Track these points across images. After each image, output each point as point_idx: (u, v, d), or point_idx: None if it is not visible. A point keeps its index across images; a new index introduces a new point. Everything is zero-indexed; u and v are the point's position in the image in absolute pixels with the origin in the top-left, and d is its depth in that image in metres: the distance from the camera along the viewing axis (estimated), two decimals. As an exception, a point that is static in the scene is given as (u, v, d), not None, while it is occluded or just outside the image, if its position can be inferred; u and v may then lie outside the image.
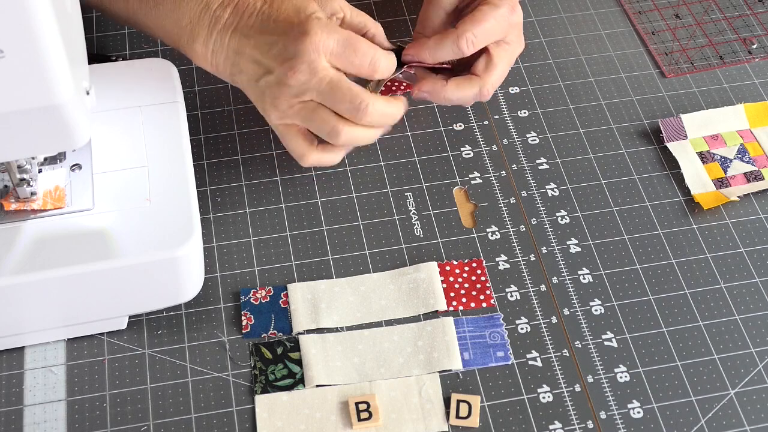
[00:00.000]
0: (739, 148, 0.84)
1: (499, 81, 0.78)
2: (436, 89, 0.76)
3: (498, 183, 0.82)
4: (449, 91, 0.76)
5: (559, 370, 0.71)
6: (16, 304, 0.66)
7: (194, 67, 0.88)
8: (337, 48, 0.69)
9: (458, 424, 0.68)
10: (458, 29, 0.74)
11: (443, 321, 0.73)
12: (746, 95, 0.89)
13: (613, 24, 0.95)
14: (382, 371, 0.71)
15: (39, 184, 0.69)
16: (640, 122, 0.87)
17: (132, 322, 0.73)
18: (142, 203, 0.69)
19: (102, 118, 0.73)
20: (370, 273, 0.76)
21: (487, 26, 0.74)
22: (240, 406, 0.69)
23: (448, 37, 0.74)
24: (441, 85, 0.76)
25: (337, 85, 0.69)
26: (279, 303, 0.74)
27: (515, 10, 0.76)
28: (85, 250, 0.66)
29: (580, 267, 0.77)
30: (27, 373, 0.70)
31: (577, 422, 0.69)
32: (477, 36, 0.74)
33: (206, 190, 0.80)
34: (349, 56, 0.69)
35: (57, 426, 0.68)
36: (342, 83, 0.69)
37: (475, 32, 0.74)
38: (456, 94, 0.76)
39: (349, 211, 0.80)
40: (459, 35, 0.73)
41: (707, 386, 0.71)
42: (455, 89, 0.76)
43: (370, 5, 0.95)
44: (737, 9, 0.96)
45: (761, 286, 0.76)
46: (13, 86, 0.55)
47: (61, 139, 0.60)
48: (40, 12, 0.52)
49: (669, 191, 0.82)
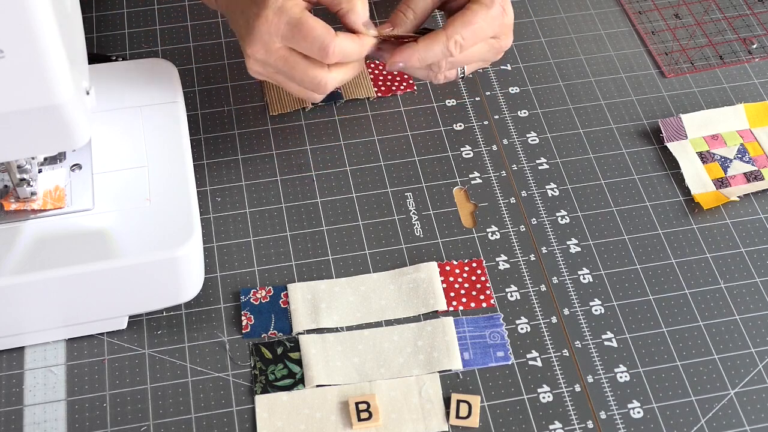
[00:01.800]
0: (739, 148, 0.84)
1: (471, 41, 0.74)
2: (408, 55, 0.73)
3: (498, 183, 0.82)
4: (420, 52, 0.73)
5: (559, 370, 0.71)
6: (16, 304, 0.66)
7: (194, 67, 0.88)
8: (285, 31, 0.70)
9: (458, 424, 0.68)
10: (447, 31, 0.73)
11: (443, 321, 0.73)
12: (746, 95, 0.89)
13: (613, 24, 0.95)
14: (382, 371, 0.71)
15: (39, 184, 0.69)
16: (640, 122, 0.87)
17: (132, 322, 0.73)
18: (142, 203, 0.69)
19: (102, 118, 0.73)
20: (370, 273, 0.76)
21: (477, 28, 0.73)
22: (240, 406, 0.69)
23: (438, 40, 0.73)
24: (411, 48, 0.74)
25: (293, 61, 0.71)
26: (279, 303, 0.74)
27: (507, 11, 0.75)
28: (85, 250, 0.66)
29: (580, 267, 0.77)
30: (27, 373, 0.70)
31: (577, 422, 0.69)
32: (466, 39, 0.73)
33: (206, 190, 0.80)
34: (297, 40, 0.70)
35: (57, 426, 0.68)
36: (297, 66, 0.71)
37: (464, 35, 0.73)
38: (426, 54, 0.73)
39: (349, 211, 0.80)
40: (448, 37, 0.73)
41: (707, 386, 0.71)
42: (424, 49, 0.73)
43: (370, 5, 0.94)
44: (737, 9, 0.96)
45: (761, 286, 0.76)
46: (13, 86, 0.55)
47: (61, 139, 0.60)
48: (40, 12, 0.52)
49: (669, 191, 0.82)
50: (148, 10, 0.93)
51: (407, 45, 0.74)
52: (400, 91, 0.87)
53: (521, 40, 0.92)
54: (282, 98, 0.86)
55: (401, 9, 0.76)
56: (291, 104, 0.86)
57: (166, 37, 0.91)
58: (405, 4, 0.75)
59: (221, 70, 0.88)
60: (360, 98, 0.87)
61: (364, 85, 0.87)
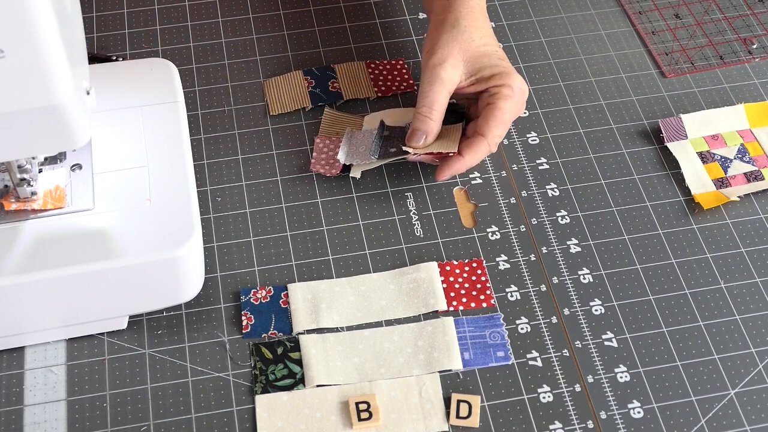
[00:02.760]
0: (739, 148, 0.84)
1: (505, 130, 0.78)
2: (457, 168, 0.78)
3: (498, 183, 0.82)
4: (468, 162, 0.77)
5: (560, 370, 0.71)
6: (16, 304, 0.66)
7: (194, 67, 0.88)
8: None
9: (458, 424, 0.68)
10: (486, 135, 0.77)
11: (443, 321, 0.73)
12: (746, 95, 0.89)
13: (613, 24, 0.95)
14: (382, 371, 0.71)
15: (39, 184, 0.69)
16: (640, 122, 0.87)
17: (132, 322, 0.73)
18: (142, 203, 0.69)
19: (102, 118, 0.73)
20: (370, 273, 0.76)
21: (507, 119, 0.78)
22: (240, 406, 0.69)
23: (480, 148, 0.77)
24: (459, 162, 0.77)
25: None
26: (279, 303, 0.74)
27: (524, 90, 0.78)
28: (85, 250, 0.66)
29: (581, 267, 0.77)
30: (27, 373, 0.70)
31: (578, 422, 0.69)
32: (501, 132, 0.78)
33: (206, 190, 0.80)
34: None
35: (57, 426, 0.68)
36: None
37: (499, 132, 0.77)
38: (473, 162, 0.78)
39: (349, 211, 0.80)
40: (489, 141, 0.77)
41: (707, 386, 0.71)
42: (471, 159, 0.77)
43: (370, 5, 0.95)
44: (737, 9, 0.96)
45: (761, 286, 0.76)
46: (13, 86, 0.55)
47: (61, 139, 0.60)
48: (40, 12, 0.52)
49: (669, 191, 0.82)
50: (148, 10, 0.93)
51: (454, 159, 0.77)
52: (400, 91, 0.87)
53: (521, 40, 0.92)
54: (282, 98, 0.86)
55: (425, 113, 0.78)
56: (291, 104, 0.86)
57: (166, 37, 0.91)
58: (428, 108, 0.78)
59: (221, 70, 0.88)
60: (360, 98, 0.87)
61: (364, 85, 0.87)
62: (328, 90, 0.87)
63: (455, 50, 0.77)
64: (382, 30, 0.93)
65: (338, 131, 0.83)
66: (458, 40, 0.78)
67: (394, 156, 0.79)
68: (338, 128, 0.84)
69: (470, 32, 0.78)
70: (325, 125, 0.84)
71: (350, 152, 0.80)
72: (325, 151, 0.82)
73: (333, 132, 0.84)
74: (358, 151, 0.80)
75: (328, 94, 0.87)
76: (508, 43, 0.92)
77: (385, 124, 0.81)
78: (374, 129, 0.82)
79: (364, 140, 0.81)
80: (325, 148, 0.82)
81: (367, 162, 0.79)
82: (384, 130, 0.81)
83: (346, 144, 0.81)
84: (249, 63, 0.89)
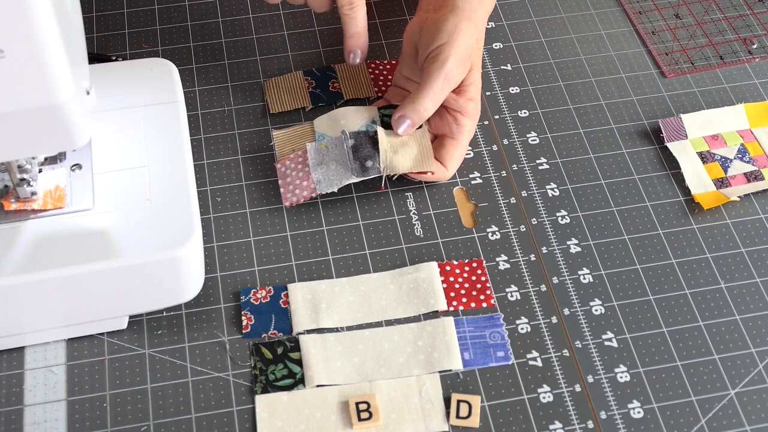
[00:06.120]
0: (739, 148, 0.84)
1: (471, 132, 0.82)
2: (441, 172, 0.80)
3: (498, 183, 0.82)
4: (450, 168, 0.80)
5: (560, 370, 0.71)
6: (16, 304, 0.66)
7: (194, 67, 0.88)
8: None
9: (458, 424, 0.68)
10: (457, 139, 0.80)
11: (443, 321, 0.73)
12: (746, 95, 0.89)
13: (613, 24, 0.95)
14: (382, 371, 0.71)
15: (39, 184, 0.69)
16: (640, 122, 0.87)
17: (132, 322, 0.73)
18: (142, 203, 0.69)
19: (102, 118, 0.73)
20: (370, 273, 0.76)
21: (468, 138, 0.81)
22: (240, 406, 0.69)
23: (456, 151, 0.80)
24: (441, 168, 0.80)
25: None
26: (279, 303, 0.74)
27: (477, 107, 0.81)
28: (85, 250, 0.66)
29: (581, 267, 0.77)
30: (27, 373, 0.70)
31: (578, 422, 0.69)
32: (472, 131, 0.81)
33: (206, 190, 0.80)
34: None
35: (57, 426, 0.68)
36: None
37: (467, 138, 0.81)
38: (457, 162, 0.81)
39: (349, 211, 0.80)
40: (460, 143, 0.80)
41: (707, 386, 0.71)
42: (452, 159, 0.80)
43: (370, 5, 0.95)
44: (737, 9, 0.96)
45: (761, 286, 0.76)
46: (13, 86, 0.55)
47: (61, 139, 0.60)
48: (40, 12, 0.52)
49: (669, 191, 0.82)
50: (148, 10, 0.93)
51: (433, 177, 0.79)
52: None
53: (521, 40, 0.92)
54: (282, 98, 0.86)
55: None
56: (291, 104, 0.86)
57: (166, 37, 0.91)
58: None
59: (221, 70, 0.88)
60: (360, 98, 0.87)
61: (364, 85, 0.87)
62: (328, 90, 0.87)
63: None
64: (382, 30, 0.93)
65: (294, 147, 0.81)
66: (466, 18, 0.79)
67: (373, 172, 0.76)
68: (293, 145, 0.81)
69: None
70: (279, 148, 0.81)
71: (326, 177, 0.77)
72: (290, 173, 0.79)
73: (289, 151, 0.81)
74: (337, 171, 0.77)
75: (328, 94, 0.87)
76: (508, 43, 0.92)
77: (347, 132, 0.79)
78: (337, 139, 0.79)
79: (333, 157, 0.78)
80: (288, 171, 0.80)
81: (345, 181, 0.77)
82: (349, 139, 0.78)
83: (316, 170, 0.78)
84: (249, 63, 0.89)
